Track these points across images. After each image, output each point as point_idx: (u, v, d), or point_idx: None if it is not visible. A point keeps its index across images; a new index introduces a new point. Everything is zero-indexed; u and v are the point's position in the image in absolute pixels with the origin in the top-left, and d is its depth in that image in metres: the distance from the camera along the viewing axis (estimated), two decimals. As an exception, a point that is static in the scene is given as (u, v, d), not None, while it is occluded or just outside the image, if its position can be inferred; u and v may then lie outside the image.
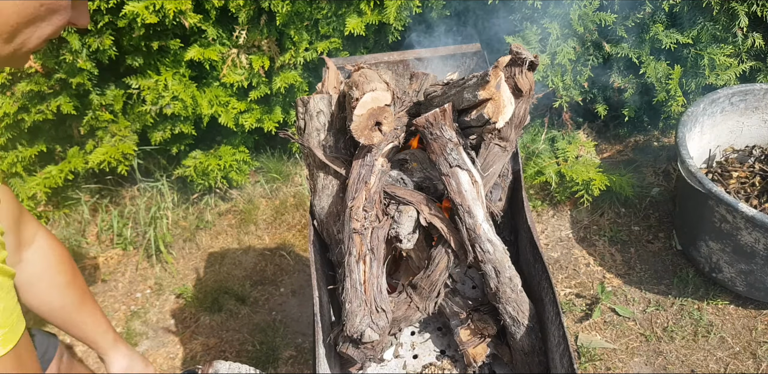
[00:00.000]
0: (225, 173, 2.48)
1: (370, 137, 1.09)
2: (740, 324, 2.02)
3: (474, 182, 1.15)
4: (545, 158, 2.47)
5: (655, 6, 2.18)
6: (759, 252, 1.83)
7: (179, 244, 2.50)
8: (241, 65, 2.28)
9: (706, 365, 1.91)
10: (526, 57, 1.05)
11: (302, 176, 2.71)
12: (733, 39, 2.20)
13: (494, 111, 1.07)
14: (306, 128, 1.24)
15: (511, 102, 1.09)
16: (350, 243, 1.12)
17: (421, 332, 1.39)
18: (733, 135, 2.33)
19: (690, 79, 2.29)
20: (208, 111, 2.30)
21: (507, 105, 1.08)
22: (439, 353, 1.34)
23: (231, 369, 1.26)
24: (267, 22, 2.22)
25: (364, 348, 1.13)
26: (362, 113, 1.08)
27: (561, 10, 2.19)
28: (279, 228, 2.54)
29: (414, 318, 1.25)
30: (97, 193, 2.64)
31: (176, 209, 2.59)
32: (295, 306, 2.24)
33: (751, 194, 2.15)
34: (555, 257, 2.32)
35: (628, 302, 2.13)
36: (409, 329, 1.39)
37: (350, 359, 1.15)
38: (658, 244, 2.32)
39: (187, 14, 2.08)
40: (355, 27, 2.12)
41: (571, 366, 1.02)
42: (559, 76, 2.30)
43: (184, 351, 2.12)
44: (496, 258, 1.13)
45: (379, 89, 1.09)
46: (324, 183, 1.24)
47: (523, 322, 1.15)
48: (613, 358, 1.96)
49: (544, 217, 2.48)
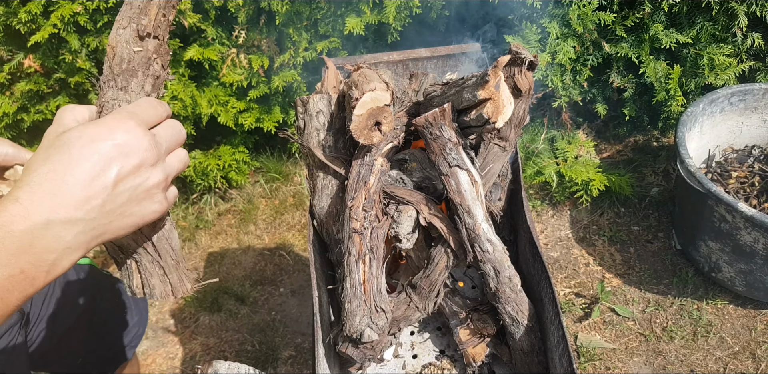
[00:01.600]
0: (224, 172, 2.48)
1: (369, 136, 1.09)
2: (739, 324, 2.02)
3: (473, 182, 1.15)
4: (545, 157, 2.47)
5: (655, 6, 2.18)
6: (758, 252, 1.83)
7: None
8: (240, 65, 2.28)
9: (706, 365, 1.91)
10: (526, 57, 1.05)
11: (302, 175, 2.71)
12: (733, 39, 2.20)
13: (493, 111, 1.07)
14: (305, 128, 1.24)
15: (511, 102, 1.09)
16: (350, 243, 1.12)
17: (421, 332, 1.39)
18: (733, 135, 2.34)
19: (689, 79, 2.29)
20: (208, 110, 2.30)
21: (506, 105, 1.08)
22: (438, 353, 1.34)
23: (230, 368, 1.26)
24: (266, 22, 2.22)
25: (364, 347, 1.13)
26: (362, 112, 1.08)
27: (560, 10, 2.19)
28: (278, 228, 2.54)
29: (413, 318, 1.25)
30: (97, 193, 2.64)
31: (176, 209, 2.58)
32: (295, 305, 2.23)
33: (751, 194, 2.15)
34: (554, 257, 2.32)
35: (627, 302, 2.13)
36: (409, 329, 1.39)
37: (350, 359, 1.15)
38: (657, 244, 2.32)
39: (187, 14, 2.08)
40: (355, 27, 2.12)
41: (571, 365, 1.02)
42: (558, 76, 2.30)
43: (184, 351, 2.11)
44: (495, 258, 1.13)
45: (378, 89, 1.09)
46: (323, 183, 1.24)
47: (523, 322, 1.15)
48: (613, 358, 1.96)
49: (544, 217, 2.48)
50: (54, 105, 2.21)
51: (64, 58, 2.10)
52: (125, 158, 0.55)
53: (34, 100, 2.25)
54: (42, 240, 0.51)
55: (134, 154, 0.56)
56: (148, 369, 2.07)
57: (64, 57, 2.10)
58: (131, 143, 0.56)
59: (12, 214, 0.51)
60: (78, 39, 2.07)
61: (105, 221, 0.55)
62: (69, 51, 2.09)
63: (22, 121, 2.28)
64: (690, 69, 2.28)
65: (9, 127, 2.30)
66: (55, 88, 2.22)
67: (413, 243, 1.19)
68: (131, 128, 0.57)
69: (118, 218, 0.56)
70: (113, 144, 0.55)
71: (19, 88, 2.18)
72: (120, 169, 0.55)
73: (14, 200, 0.52)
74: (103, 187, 0.54)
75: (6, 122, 2.25)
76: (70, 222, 0.53)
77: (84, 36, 2.09)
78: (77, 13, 2.00)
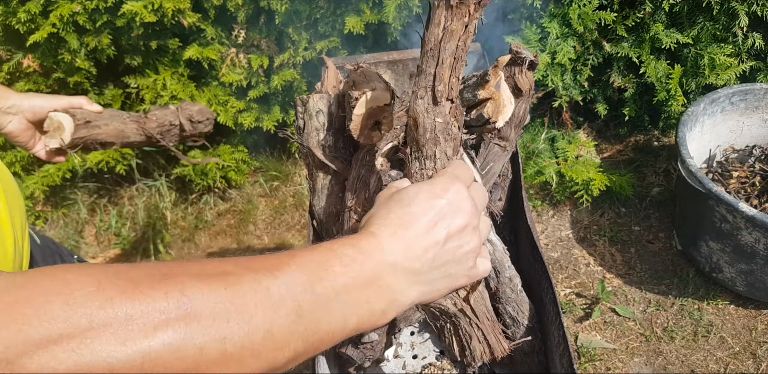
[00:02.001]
0: (224, 172, 2.47)
1: (369, 136, 1.09)
2: (740, 324, 2.02)
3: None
4: (545, 157, 2.47)
5: (656, 5, 2.17)
6: (759, 252, 1.83)
7: (178, 244, 2.50)
8: (240, 65, 2.27)
9: (706, 365, 1.91)
10: (526, 57, 1.05)
11: (301, 175, 2.70)
12: (734, 39, 2.20)
13: (494, 111, 1.07)
14: (305, 128, 1.23)
15: (511, 102, 1.09)
16: (349, 243, 1.11)
17: (421, 332, 1.38)
18: (734, 135, 2.33)
19: (690, 78, 2.28)
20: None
21: (507, 105, 1.08)
22: (438, 353, 1.33)
23: (230, 369, 1.26)
24: (266, 22, 2.21)
25: (364, 348, 1.12)
26: (361, 112, 1.07)
27: (561, 10, 2.19)
28: (278, 228, 2.54)
29: (414, 318, 1.25)
30: (96, 193, 2.63)
31: (175, 209, 2.58)
32: (295, 306, 2.23)
33: (752, 194, 2.14)
34: (555, 257, 2.31)
35: (628, 302, 2.12)
36: (409, 329, 1.39)
37: (349, 359, 1.15)
38: (658, 244, 2.31)
39: (186, 13, 2.07)
40: (355, 26, 2.12)
41: (571, 366, 1.02)
42: (558, 76, 2.30)
43: (183, 352, 2.11)
44: (495, 258, 1.13)
45: (378, 89, 1.08)
46: (323, 183, 1.23)
47: (523, 322, 1.15)
48: (613, 358, 1.95)
49: (544, 217, 2.48)
50: (53, 105, 2.21)
51: (63, 58, 2.10)
52: (454, 216, 0.57)
53: (34, 99, 2.26)
54: (387, 278, 0.53)
55: (461, 214, 0.58)
56: (148, 369, 2.07)
57: (63, 57, 2.10)
58: (460, 203, 0.58)
59: (371, 244, 0.53)
60: (77, 39, 2.07)
61: (430, 277, 0.56)
62: (68, 51, 2.08)
63: (21, 121, 2.28)
64: (691, 69, 2.28)
65: (8, 127, 2.30)
66: (54, 87, 2.22)
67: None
68: (459, 189, 0.59)
69: (440, 277, 0.57)
70: (446, 202, 0.57)
71: (19, 87, 2.18)
72: (450, 227, 0.56)
73: (371, 234, 0.54)
74: (436, 242, 0.55)
75: (5, 122, 2.25)
76: (410, 271, 0.54)
77: (83, 36, 2.08)
78: (76, 13, 2.00)
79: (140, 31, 2.04)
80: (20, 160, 2.37)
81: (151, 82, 2.21)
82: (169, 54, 2.22)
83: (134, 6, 1.97)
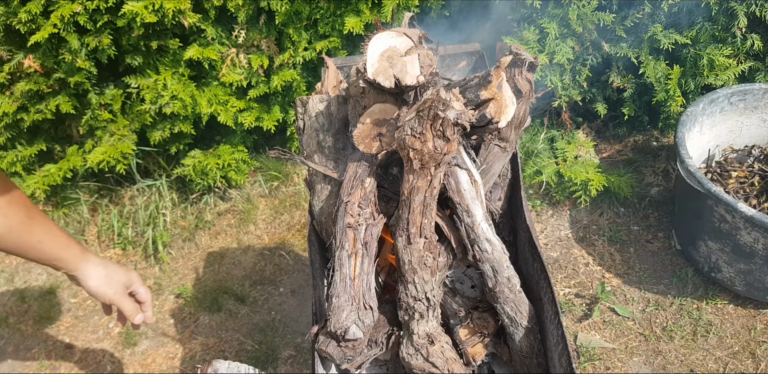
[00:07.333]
0: (224, 172, 2.48)
1: (370, 146, 1.11)
2: (739, 324, 2.02)
3: (473, 182, 1.15)
4: (544, 157, 2.47)
5: (654, 6, 2.18)
6: (758, 252, 1.84)
7: (178, 244, 2.50)
8: (240, 65, 2.28)
9: (705, 364, 1.92)
10: (526, 58, 1.05)
11: (301, 175, 2.71)
12: (732, 39, 2.20)
13: (496, 111, 1.08)
14: (305, 128, 1.24)
15: (513, 102, 1.09)
16: (343, 237, 1.11)
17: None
18: (732, 135, 2.34)
19: (689, 79, 2.29)
20: (208, 110, 2.30)
21: (509, 105, 1.09)
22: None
23: (230, 368, 1.26)
24: (266, 22, 2.22)
25: (345, 346, 1.10)
26: (367, 121, 1.10)
27: (560, 10, 2.19)
28: (278, 228, 2.54)
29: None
30: (96, 192, 2.64)
31: (175, 209, 2.58)
32: (295, 305, 2.24)
33: (750, 194, 2.15)
34: (554, 257, 2.32)
35: (627, 301, 2.13)
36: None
37: (328, 358, 1.12)
38: (657, 244, 2.32)
39: (186, 14, 2.08)
40: (354, 26, 2.12)
41: (570, 365, 1.02)
42: (558, 76, 2.30)
43: (184, 351, 2.12)
44: (494, 258, 1.13)
45: (389, 102, 1.11)
46: (323, 184, 1.24)
47: (522, 323, 1.15)
48: (613, 358, 1.96)
49: (543, 217, 2.48)
50: (53, 105, 2.21)
51: (64, 58, 2.10)
52: None
53: (34, 100, 2.25)
54: None
55: None
56: (148, 368, 2.07)
57: (64, 57, 2.10)
58: None
59: None
60: (78, 39, 2.07)
61: None
62: (69, 51, 2.08)
63: (21, 121, 2.28)
64: (689, 69, 2.28)
65: (9, 127, 2.30)
66: (54, 87, 2.22)
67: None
68: None
69: None
70: None
71: (19, 88, 2.18)
72: None
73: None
74: None
75: (6, 122, 2.24)
76: None
77: (84, 36, 2.08)
78: (77, 13, 2.00)
79: (141, 31, 2.05)
80: (21, 160, 2.37)
81: (151, 83, 2.22)
82: (169, 54, 2.22)
83: (135, 6, 1.97)
